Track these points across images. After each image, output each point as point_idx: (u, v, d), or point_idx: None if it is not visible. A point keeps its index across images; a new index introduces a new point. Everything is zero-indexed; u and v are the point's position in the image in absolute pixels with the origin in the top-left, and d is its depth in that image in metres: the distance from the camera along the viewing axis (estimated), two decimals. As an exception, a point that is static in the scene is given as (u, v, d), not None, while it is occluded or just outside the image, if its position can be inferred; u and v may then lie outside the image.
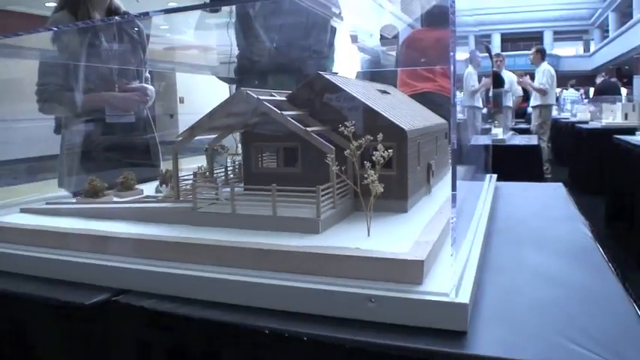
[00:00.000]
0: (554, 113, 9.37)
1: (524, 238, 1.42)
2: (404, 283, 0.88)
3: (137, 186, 1.63)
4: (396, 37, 3.75)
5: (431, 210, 1.30)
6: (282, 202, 1.11)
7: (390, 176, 1.23)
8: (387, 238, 1.02)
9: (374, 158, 1.02)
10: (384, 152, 1.02)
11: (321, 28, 2.41)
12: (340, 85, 1.26)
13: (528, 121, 8.72)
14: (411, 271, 0.89)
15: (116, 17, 2.33)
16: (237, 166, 1.58)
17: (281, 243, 0.99)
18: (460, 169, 0.98)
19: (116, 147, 2.38)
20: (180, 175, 1.29)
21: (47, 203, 1.45)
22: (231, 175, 1.52)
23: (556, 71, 7.94)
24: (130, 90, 2.35)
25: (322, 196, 1.09)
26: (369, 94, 1.38)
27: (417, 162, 1.36)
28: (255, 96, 1.17)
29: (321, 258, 0.93)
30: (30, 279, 1.10)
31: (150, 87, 2.44)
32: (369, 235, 1.02)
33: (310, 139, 1.15)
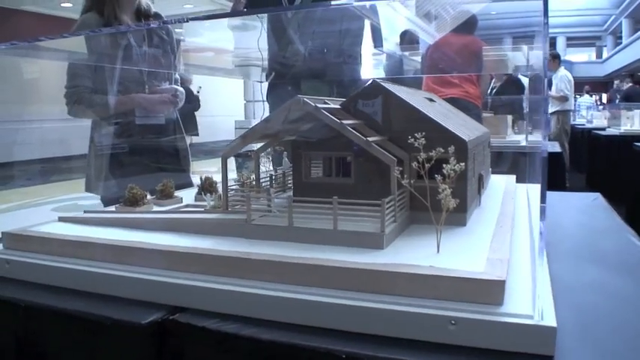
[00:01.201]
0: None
1: (579, 252, 1.36)
2: (483, 304, 0.83)
3: (176, 193, 1.58)
4: (417, 42, 3.70)
5: (488, 223, 1.24)
6: (339, 214, 1.05)
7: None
8: (456, 254, 0.97)
9: (444, 171, 0.97)
10: (455, 165, 0.96)
11: (355, 33, 2.37)
12: (398, 95, 1.21)
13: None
14: (492, 291, 0.84)
15: (151, 22, 2.29)
16: (280, 175, 1.53)
17: (346, 259, 0.94)
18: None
19: (145, 150, 2.34)
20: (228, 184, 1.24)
21: (85, 212, 1.41)
22: (274, 184, 1.47)
23: (569, 78, 7.85)
24: (161, 92, 2.31)
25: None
26: (421, 102, 1.33)
27: (473, 173, 1.31)
28: (313, 103, 1.12)
29: (393, 276, 0.88)
30: (77, 294, 1.06)
31: (180, 88, 2.41)
32: (438, 251, 0.97)
33: (371, 150, 1.10)
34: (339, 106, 1.23)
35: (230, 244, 1.08)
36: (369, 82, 1.23)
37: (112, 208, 1.45)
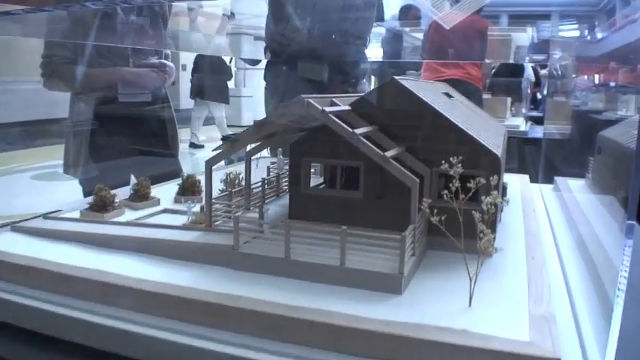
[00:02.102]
0: (565, 101, 9.04)
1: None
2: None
3: (153, 191, 1.38)
4: (419, 17, 3.48)
5: (516, 249, 1.06)
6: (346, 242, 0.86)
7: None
8: (491, 307, 0.79)
9: (483, 206, 0.78)
10: (496, 199, 0.77)
11: (363, 10, 2.14)
12: (420, 96, 1.01)
13: (536, 108, 8.40)
14: (544, 370, 0.65)
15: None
16: (274, 178, 1.33)
17: (357, 313, 0.75)
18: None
19: (129, 131, 2.11)
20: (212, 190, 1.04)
21: (45, 217, 1.20)
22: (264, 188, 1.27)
23: (563, 56, 7.62)
24: (148, 66, 2.06)
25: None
26: (442, 103, 1.12)
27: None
28: (320, 107, 0.91)
29: (418, 344, 0.69)
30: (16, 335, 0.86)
31: (170, 63, 2.15)
32: (470, 304, 0.78)
33: (389, 168, 0.90)
34: (348, 108, 1.02)
35: (213, 278, 0.88)
36: (387, 80, 1.02)
37: (77, 213, 1.24)
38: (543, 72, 6.85)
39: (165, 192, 1.44)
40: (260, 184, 1.24)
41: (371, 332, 0.71)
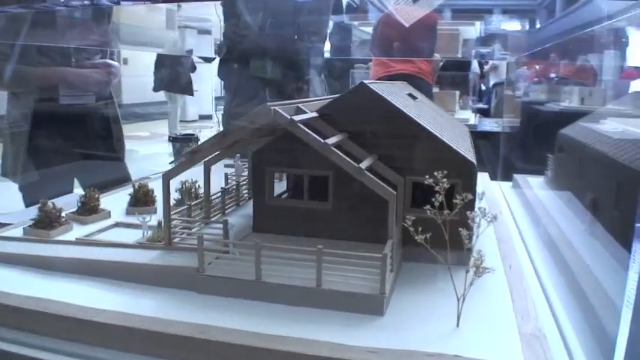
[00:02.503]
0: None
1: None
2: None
3: (102, 202, 1.27)
4: (367, 12, 3.45)
5: (490, 258, 1.03)
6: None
7: (452, 222, 0.96)
8: (479, 326, 0.75)
9: (470, 222, 0.74)
10: (487, 216, 0.73)
11: (318, 5, 2.07)
12: (392, 102, 0.96)
13: (481, 100, 8.57)
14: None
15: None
16: (235, 187, 1.25)
17: (339, 340, 0.70)
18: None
19: (72, 134, 1.97)
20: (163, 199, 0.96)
21: (-17, 237, 1.08)
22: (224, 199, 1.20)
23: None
24: (92, 66, 1.92)
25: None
26: (411, 107, 1.08)
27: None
28: (288, 116, 0.85)
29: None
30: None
31: (115, 63, 2.01)
32: (458, 325, 0.74)
33: (364, 180, 0.85)
34: (316, 115, 0.96)
35: (178, 304, 0.81)
36: (357, 85, 0.97)
37: (20, 230, 1.12)
38: (489, 65, 7.01)
39: (114, 202, 1.33)
40: (219, 193, 1.16)
41: (357, 364, 0.65)
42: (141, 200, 1.29)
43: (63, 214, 1.16)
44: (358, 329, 0.74)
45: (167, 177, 0.94)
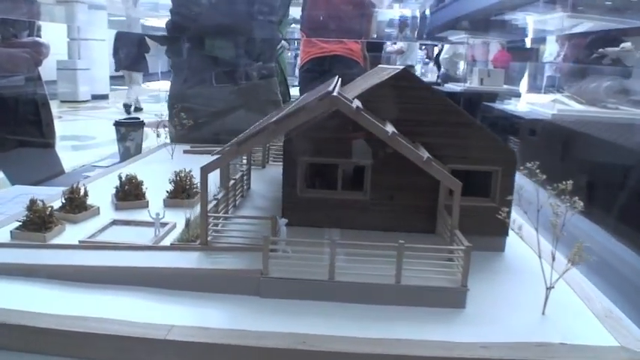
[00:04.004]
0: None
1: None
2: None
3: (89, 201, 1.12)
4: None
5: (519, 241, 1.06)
6: (365, 255, 0.77)
7: (487, 208, 0.97)
8: (559, 311, 0.77)
9: (558, 212, 0.74)
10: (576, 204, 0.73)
11: None
12: (436, 89, 0.94)
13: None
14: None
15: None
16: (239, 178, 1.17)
17: (442, 337, 0.68)
18: None
19: None
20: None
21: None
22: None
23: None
24: (20, 46, 1.69)
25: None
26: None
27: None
28: (353, 105, 0.80)
29: (524, 365, 0.65)
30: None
31: (44, 41, 1.80)
32: (544, 312, 0.76)
33: (431, 171, 0.83)
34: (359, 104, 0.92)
35: (246, 312, 0.74)
36: (400, 69, 0.93)
37: (6, 235, 0.96)
38: (395, 48, 7.20)
39: (98, 197, 1.19)
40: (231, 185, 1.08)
41: (475, 361, 0.64)
42: (130, 194, 1.16)
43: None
44: (450, 325, 0.73)
45: (206, 170, 0.85)
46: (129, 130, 1.86)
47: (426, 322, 0.73)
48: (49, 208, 0.99)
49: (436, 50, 7.51)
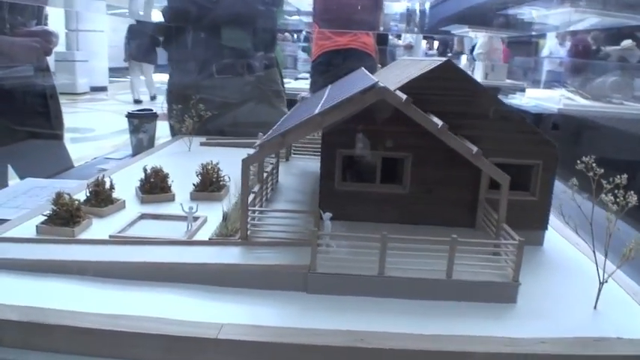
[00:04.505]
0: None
1: None
2: None
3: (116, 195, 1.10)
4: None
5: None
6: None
7: (527, 202, 0.96)
8: (609, 305, 0.75)
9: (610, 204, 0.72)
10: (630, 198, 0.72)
11: None
12: (478, 81, 0.92)
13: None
14: None
15: None
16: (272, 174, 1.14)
17: (504, 333, 0.67)
18: None
19: (4, 112, 1.69)
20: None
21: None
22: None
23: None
24: (29, 35, 1.65)
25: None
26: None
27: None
28: (403, 96, 0.78)
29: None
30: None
31: (54, 31, 1.76)
32: (595, 307, 0.74)
33: (480, 165, 0.81)
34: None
35: (295, 309, 0.72)
36: (442, 63, 0.91)
37: (27, 228, 0.94)
38: (405, 42, 7.18)
39: (124, 190, 1.16)
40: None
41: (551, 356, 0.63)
42: (156, 187, 1.14)
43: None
44: (507, 320, 0.71)
45: (247, 162, 0.82)
46: (142, 122, 1.83)
47: (478, 318, 0.71)
48: (77, 202, 0.96)
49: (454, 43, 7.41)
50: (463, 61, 6.57)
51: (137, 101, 7.59)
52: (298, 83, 4.25)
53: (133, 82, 7.68)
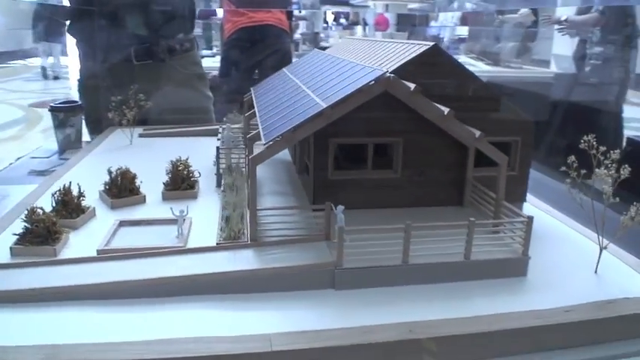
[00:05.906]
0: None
1: None
2: None
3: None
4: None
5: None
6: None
7: (508, 177, 1.01)
8: (611, 269, 0.83)
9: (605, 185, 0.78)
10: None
11: None
12: (463, 65, 0.95)
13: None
14: None
15: None
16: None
17: (527, 307, 0.72)
18: None
19: None
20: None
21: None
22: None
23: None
24: None
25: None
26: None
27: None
28: (411, 85, 0.78)
29: (606, 323, 0.70)
30: None
31: None
32: (596, 271, 0.81)
33: (481, 147, 0.84)
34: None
35: (328, 308, 0.72)
36: (429, 47, 0.92)
37: (4, 253, 0.83)
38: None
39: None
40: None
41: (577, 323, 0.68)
42: (125, 189, 1.06)
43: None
44: (524, 294, 0.76)
45: (255, 161, 0.79)
46: (68, 115, 1.67)
47: (498, 294, 0.76)
48: (53, 216, 0.87)
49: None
50: (359, 32, 6.71)
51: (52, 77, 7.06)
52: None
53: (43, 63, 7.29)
